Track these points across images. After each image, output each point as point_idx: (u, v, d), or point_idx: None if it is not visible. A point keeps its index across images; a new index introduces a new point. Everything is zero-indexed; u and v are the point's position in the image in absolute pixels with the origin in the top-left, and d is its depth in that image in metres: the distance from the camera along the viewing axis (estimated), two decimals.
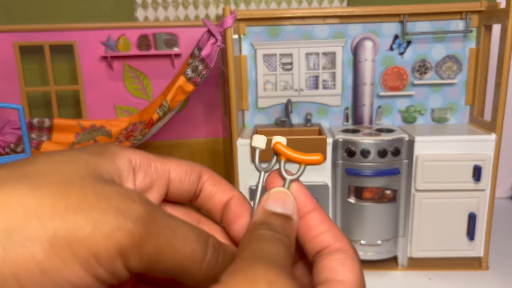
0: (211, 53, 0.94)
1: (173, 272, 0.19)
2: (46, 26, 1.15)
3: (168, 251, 0.18)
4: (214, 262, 0.20)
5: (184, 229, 0.19)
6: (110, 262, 0.17)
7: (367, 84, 1.11)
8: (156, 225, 0.18)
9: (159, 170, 0.23)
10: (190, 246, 0.19)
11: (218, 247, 0.21)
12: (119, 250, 0.17)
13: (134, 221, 0.17)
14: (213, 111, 1.29)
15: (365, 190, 1.01)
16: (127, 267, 0.17)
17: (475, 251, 1.03)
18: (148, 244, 0.17)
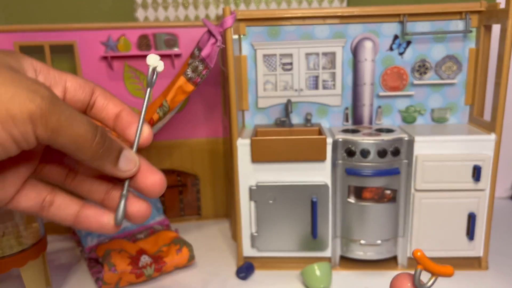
0: (211, 53, 0.94)
1: (69, 146, 0.25)
2: (46, 26, 1.15)
3: (67, 126, 0.24)
4: (102, 143, 0.26)
5: (79, 115, 0.25)
6: (23, 125, 0.22)
7: (367, 84, 1.11)
8: (58, 106, 0.24)
9: (57, 78, 0.29)
10: (83, 127, 0.25)
11: (105, 133, 0.27)
12: (30, 117, 0.22)
13: (42, 97, 0.23)
14: (213, 111, 1.29)
15: (365, 190, 1.01)
16: (35, 134, 0.23)
17: (474, 251, 1.03)
18: (52, 117, 0.23)
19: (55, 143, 0.25)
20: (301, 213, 1.04)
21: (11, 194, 0.28)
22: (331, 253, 1.07)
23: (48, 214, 0.29)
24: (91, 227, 0.30)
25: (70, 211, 0.30)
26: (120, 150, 0.29)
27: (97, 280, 1.00)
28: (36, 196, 0.29)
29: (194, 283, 1.03)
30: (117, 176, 0.29)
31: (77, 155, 0.26)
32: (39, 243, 0.93)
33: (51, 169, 0.31)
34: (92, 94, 0.31)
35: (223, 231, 1.30)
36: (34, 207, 0.29)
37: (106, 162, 0.28)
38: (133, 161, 0.30)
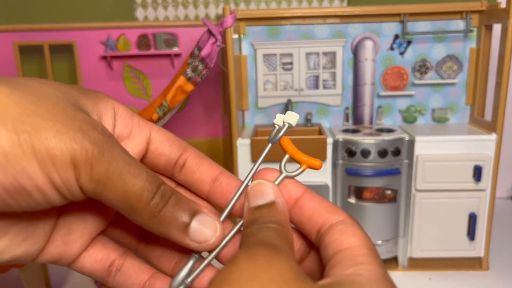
0: (211, 53, 0.94)
1: (120, 203, 0.20)
2: (46, 26, 1.15)
3: (117, 180, 0.20)
4: (161, 206, 0.21)
5: (137, 167, 0.21)
6: (63, 169, 0.18)
7: (367, 84, 1.11)
8: (111, 153, 0.20)
9: (141, 126, 0.25)
10: (139, 183, 0.20)
11: (169, 195, 0.22)
12: (72, 161, 0.18)
13: (91, 141, 0.19)
14: (213, 111, 1.29)
15: (365, 190, 1.00)
16: (78, 182, 0.19)
17: (475, 251, 1.03)
18: (99, 165, 0.19)
19: (103, 198, 0.20)
20: None
21: (77, 251, 0.23)
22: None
23: (114, 280, 0.25)
24: None
25: (137, 280, 0.24)
26: (193, 213, 0.23)
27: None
28: (105, 258, 0.24)
29: None
30: (189, 247, 0.23)
31: (132, 216, 0.21)
32: None
33: (125, 228, 0.26)
34: (182, 152, 0.26)
35: None
36: (100, 270, 0.24)
37: (171, 228, 0.22)
38: (212, 228, 0.23)
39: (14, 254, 0.21)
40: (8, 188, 0.18)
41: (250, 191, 0.24)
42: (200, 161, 0.26)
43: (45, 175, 0.18)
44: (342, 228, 0.22)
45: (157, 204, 0.21)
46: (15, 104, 0.18)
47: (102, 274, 0.24)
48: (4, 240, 0.21)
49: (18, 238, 0.21)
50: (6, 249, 0.21)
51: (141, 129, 0.25)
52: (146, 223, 0.22)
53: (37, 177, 0.18)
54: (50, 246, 0.23)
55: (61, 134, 0.18)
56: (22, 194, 0.18)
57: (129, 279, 0.24)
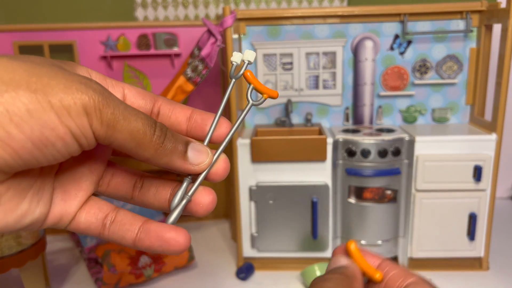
0: (211, 53, 0.94)
1: (129, 143, 0.23)
2: (46, 26, 1.15)
3: (123, 120, 0.22)
4: (163, 136, 0.24)
5: (134, 109, 0.24)
6: (78, 117, 0.21)
7: (367, 83, 1.11)
8: (112, 99, 0.22)
9: (114, 85, 0.27)
10: (141, 121, 0.23)
11: (165, 128, 0.25)
12: (84, 108, 0.21)
13: (94, 90, 0.22)
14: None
15: (365, 190, 1.00)
16: (92, 127, 0.22)
17: (475, 251, 1.03)
18: (106, 109, 0.22)
19: (113, 140, 0.23)
20: (301, 213, 1.03)
21: (74, 209, 0.26)
22: (331, 253, 1.06)
23: (109, 233, 0.27)
24: (152, 244, 0.26)
25: (131, 226, 0.27)
26: (186, 143, 0.26)
27: (97, 280, 0.99)
28: (98, 212, 0.27)
29: (193, 283, 1.02)
30: (189, 171, 0.27)
31: (139, 152, 0.24)
32: (38, 243, 0.92)
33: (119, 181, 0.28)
34: (155, 102, 0.28)
35: (223, 232, 1.30)
36: (95, 224, 0.26)
37: (173, 156, 0.25)
38: (205, 152, 0.27)
39: (34, 217, 0.24)
40: (36, 142, 0.20)
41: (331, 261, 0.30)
42: (172, 106, 0.29)
43: (64, 125, 0.21)
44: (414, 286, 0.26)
45: (159, 136, 0.24)
46: (20, 68, 0.20)
47: (97, 228, 0.26)
48: (25, 202, 0.23)
49: (34, 200, 0.24)
50: (26, 212, 0.23)
51: (115, 88, 0.28)
52: (152, 155, 0.24)
53: (58, 128, 0.21)
54: (53, 207, 0.25)
55: (68, 88, 0.21)
56: (47, 146, 0.21)
57: (123, 227, 0.27)
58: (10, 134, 0.20)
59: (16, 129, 0.20)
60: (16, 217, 0.23)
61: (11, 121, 0.20)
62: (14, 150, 0.20)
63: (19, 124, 0.20)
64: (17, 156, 0.20)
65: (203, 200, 0.28)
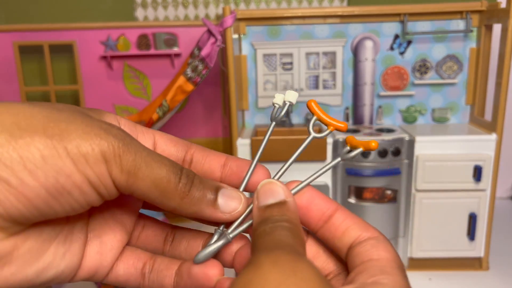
0: (211, 53, 0.94)
1: (152, 192, 0.22)
2: (46, 26, 1.15)
3: (145, 167, 0.21)
4: (189, 186, 0.23)
5: (158, 155, 0.22)
6: (96, 165, 0.20)
7: (367, 83, 1.11)
8: (133, 145, 0.21)
9: (145, 132, 0.27)
10: (165, 167, 0.22)
11: (192, 174, 0.24)
12: (103, 155, 0.20)
13: (115, 137, 0.21)
14: (213, 111, 1.29)
15: (365, 190, 1.00)
16: (111, 175, 0.21)
17: (475, 251, 1.03)
18: (127, 156, 0.21)
19: (135, 189, 0.21)
20: None
21: (111, 262, 0.25)
22: None
23: (149, 282, 0.26)
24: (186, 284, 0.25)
25: (168, 272, 0.26)
26: (217, 188, 0.24)
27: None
28: (136, 262, 0.26)
29: None
30: (221, 220, 0.25)
31: (164, 202, 0.23)
32: None
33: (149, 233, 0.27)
34: (187, 150, 0.27)
35: None
36: (135, 275, 0.25)
37: (201, 205, 0.23)
38: (237, 198, 0.25)
39: (58, 269, 0.22)
40: (50, 190, 0.19)
41: (259, 190, 0.25)
42: (205, 153, 0.27)
43: (80, 173, 0.20)
44: (374, 242, 0.24)
45: (185, 184, 0.23)
46: (38, 113, 0.20)
47: (137, 279, 0.25)
48: (48, 254, 0.22)
49: (59, 252, 0.22)
50: (51, 264, 0.22)
51: (146, 135, 0.27)
52: (178, 204, 0.23)
53: (74, 176, 0.20)
54: (86, 260, 0.24)
55: (86, 134, 0.20)
56: (63, 194, 0.20)
57: (161, 273, 0.26)
58: (23, 181, 0.19)
59: (30, 176, 0.19)
60: (37, 270, 0.21)
61: (25, 168, 0.19)
62: (28, 199, 0.19)
63: (33, 171, 0.19)
64: (31, 205, 0.19)
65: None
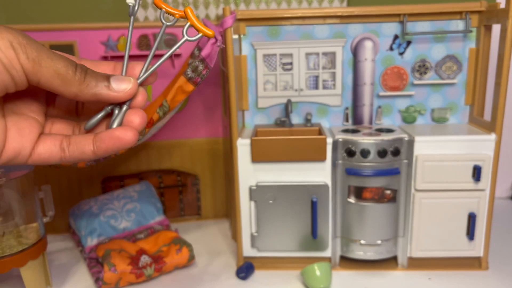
0: (211, 53, 0.94)
1: (54, 79, 0.28)
2: (46, 26, 1.15)
3: (47, 58, 0.27)
4: (83, 74, 0.29)
5: (57, 53, 0.29)
6: (6, 50, 0.26)
7: (367, 84, 1.11)
8: (35, 42, 0.27)
9: None
10: (63, 61, 0.28)
11: (85, 68, 0.30)
12: (11, 43, 0.26)
13: (19, 33, 0.27)
14: (213, 111, 1.29)
15: (365, 190, 1.01)
16: (20, 61, 0.26)
17: (475, 251, 1.03)
18: (31, 47, 0.27)
19: (40, 76, 0.27)
20: (301, 213, 1.03)
21: (31, 143, 0.30)
22: (331, 253, 1.07)
23: (69, 153, 0.31)
24: (108, 146, 0.31)
25: (87, 141, 0.31)
26: (108, 77, 0.31)
27: (97, 280, 1.00)
28: (54, 141, 0.31)
29: (194, 283, 1.03)
30: (117, 98, 0.31)
31: (67, 89, 0.29)
32: (39, 243, 0.93)
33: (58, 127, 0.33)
34: (78, 61, 0.32)
35: (223, 231, 1.30)
36: (55, 151, 0.31)
37: (97, 88, 0.30)
38: (126, 79, 0.32)
39: None
40: None
41: None
42: (95, 63, 0.34)
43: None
44: None
45: (80, 73, 0.29)
46: None
47: (58, 153, 0.31)
48: None
49: None
50: None
51: None
52: (78, 90, 0.29)
53: None
54: (9, 142, 0.29)
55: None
56: None
57: (80, 144, 0.31)
58: None
59: None
60: None
61: None
62: None
63: None
64: None
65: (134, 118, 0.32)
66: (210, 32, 0.33)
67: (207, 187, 1.35)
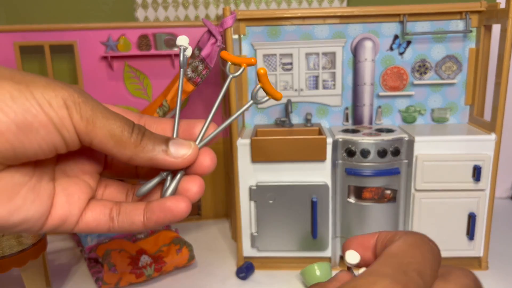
0: (211, 53, 0.94)
1: (108, 140, 0.25)
2: (46, 26, 1.15)
3: (102, 118, 0.24)
4: (141, 136, 0.26)
5: (113, 111, 0.26)
6: (59, 108, 0.23)
7: (367, 84, 1.11)
8: (91, 99, 0.25)
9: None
10: (119, 120, 0.25)
11: (143, 128, 0.27)
12: (64, 102, 0.23)
13: (75, 90, 0.24)
14: None
15: (365, 190, 1.01)
16: (72, 121, 0.24)
17: (475, 251, 1.03)
18: (86, 106, 0.24)
19: (94, 136, 0.25)
20: (301, 213, 1.04)
21: (78, 211, 0.27)
22: (331, 253, 1.07)
23: (118, 223, 0.28)
24: (159, 218, 0.28)
25: (137, 211, 0.28)
26: (167, 140, 0.28)
27: (97, 280, 1.00)
28: (103, 209, 0.28)
29: (194, 283, 1.03)
30: (174, 165, 0.28)
31: (120, 151, 0.26)
32: (39, 243, 0.93)
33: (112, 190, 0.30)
34: (139, 119, 0.29)
35: (223, 231, 1.30)
36: (104, 220, 0.28)
37: (154, 152, 0.27)
38: (186, 144, 0.28)
39: (28, 213, 0.25)
40: (20, 125, 0.22)
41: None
42: (156, 120, 0.30)
43: (45, 114, 0.23)
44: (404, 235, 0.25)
45: (137, 134, 0.26)
46: (5, 69, 0.23)
47: (107, 223, 0.28)
48: (19, 198, 0.24)
49: (29, 197, 0.25)
50: (21, 207, 0.24)
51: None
52: (133, 153, 0.26)
53: (40, 116, 0.23)
54: (56, 209, 0.26)
55: (50, 84, 0.23)
56: (32, 131, 0.23)
57: (130, 214, 0.28)
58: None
59: (1, 113, 0.22)
60: (9, 210, 0.24)
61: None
62: (0, 132, 0.22)
63: (3, 109, 0.22)
64: (3, 138, 0.22)
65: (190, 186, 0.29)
66: (279, 96, 0.29)
67: (207, 187, 1.36)
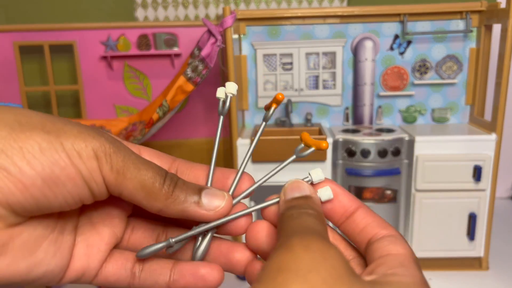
0: (211, 53, 0.94)
1: (138, 191, 0.23)
2: (46, 26, 1.15)
3: (133, 169, 0.23)
4: (173, 187, 0.24)
5: (145, 160, 0.24)
6: (88, 160, 0.22)
7: (367, 84, 1.11)
8: (123, 148, 0.23)
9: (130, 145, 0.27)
10: (151, 170, 0.24)
11: (176, 177, 0.25)
12: (95, 153, 0.22)
13: (106, 139, 0.23)
14: (213, 111, 1.29)
15: (365, 190, 1.00)
16: (102, 173, 0.22)
17: (475, 251, 1.03)
18: (117, 157, 0.23)
19: (123, 188, 0.23)
20: None
21: (98, 263, 0.25)
22: None
23: (140, 281, 0.26)
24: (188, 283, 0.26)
25: (163, 270, 0.26)
26: (200, 189, 0.25)
27: None
28: (126, 263, 0.26)
29: None
30: (206, 218, 0.25)
31: (150, 203, 0.24)
32: None
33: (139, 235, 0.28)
34: (171, 163, 0.28)
35: None
36: (125, 275, 0.26)
37: (185, 204, 0.25)
38: (220, 195, 0.26)
39: (49, 267, 0.23)
40: (46, 179, 0.21)
41: (287, 186, 0.26)
42: (189, 165, 0.28)
43: (74, 166, 0.21)
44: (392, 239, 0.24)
45: (169, 185, 0.24)
46: (36, 115, 0.22)
47: (127, 279, 0.26)
48: (40, 251, 0.23)
49: (50, 250, 0.23)
50: (42, 261, 0.23)
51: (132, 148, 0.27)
52: (164, 205, 0.24)
53: (69, 168, 0.21)
54: (74, 261, 0.25)
55: (81, 133, 0.22)
56: (58, 185, 0.21)
57: (154, 272, 0.26)
58: (21, 169, 0.20)
59: (28, 166, 0.20)
60: (29, 265, 0.22)
61: (24, 157, 0.20)
62: (25, 187, 0.20)
63: (31, 161, 0.20)
64: (28, 193, 0.21)
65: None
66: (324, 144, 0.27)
67: None
